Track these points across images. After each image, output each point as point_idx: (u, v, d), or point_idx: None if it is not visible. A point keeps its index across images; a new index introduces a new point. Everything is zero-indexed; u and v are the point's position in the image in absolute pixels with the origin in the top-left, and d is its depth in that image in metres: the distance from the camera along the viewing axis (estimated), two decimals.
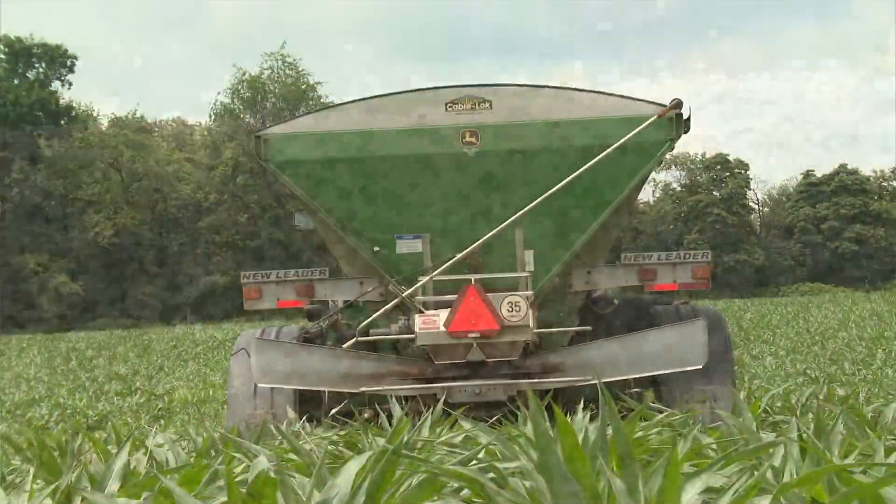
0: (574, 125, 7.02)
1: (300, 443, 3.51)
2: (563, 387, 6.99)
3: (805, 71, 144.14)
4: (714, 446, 3.54)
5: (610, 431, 2.98)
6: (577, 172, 6.85)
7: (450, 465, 3.03)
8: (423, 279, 7.03)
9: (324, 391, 7.14)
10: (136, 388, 22.15)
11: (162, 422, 14.31)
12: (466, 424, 4.15)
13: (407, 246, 7.13)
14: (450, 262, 7.00)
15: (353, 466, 2.81)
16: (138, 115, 74.65)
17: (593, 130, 6.99)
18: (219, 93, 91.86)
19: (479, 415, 6.47)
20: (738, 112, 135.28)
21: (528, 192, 6.97)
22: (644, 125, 6.90)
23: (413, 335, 6.93)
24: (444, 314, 6.82)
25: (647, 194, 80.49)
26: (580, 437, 3.19)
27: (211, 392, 19.40)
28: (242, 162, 68.91)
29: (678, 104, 7.00)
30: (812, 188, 77.09)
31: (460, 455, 3.30)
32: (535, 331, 6.94)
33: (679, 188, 77.87)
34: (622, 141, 6.85)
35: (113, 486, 3.00)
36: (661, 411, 5.07)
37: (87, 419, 15.81)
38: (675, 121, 7.01)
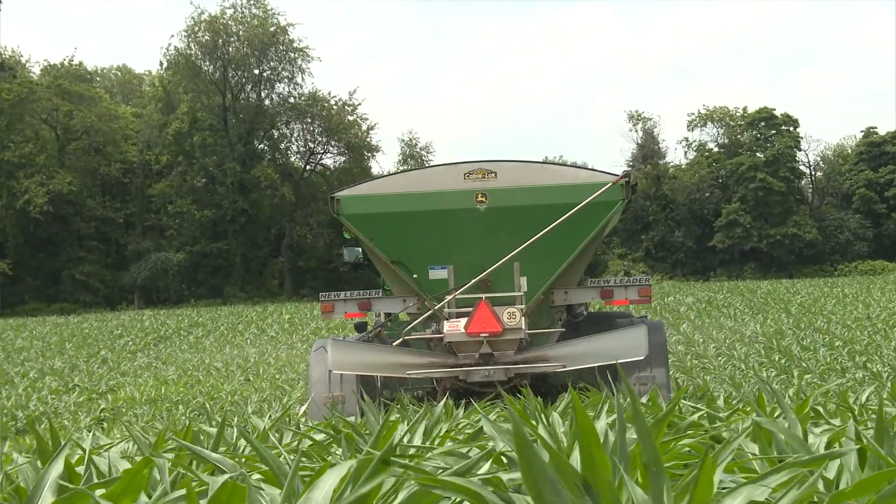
0: (554, 189, 11.50)
1: (271, 448, 3.51)
2: (545, 371, 11.51)
3: (865, 11, 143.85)
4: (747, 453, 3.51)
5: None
6: (556, 223, 11.29)
7: (447, 474, 3.04)
8: (449, 297, 11.57)
9: (378, 377, 12.05)
10: (74, 384, 22.20)
11: (105, 424, 14.30)
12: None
13: (437, 274, 11.63)
14: (467, 285, 11.48)
15: (333, 476, 2.80)
16: (76, 62, 74.57)
17: (567, 193, 11.44)
18: (172, 36, 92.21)
19: (486, 391, 11.24)
20: (786, 59, 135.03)
21: (523, 236, 11.38)
22: (602, 189, 11.34)
23: (442, 335, 11.50)
24: (463, 320, 11.38)
25: (678, 156, 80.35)
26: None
27: (163, 389, 19.54)
28: (201, 117, 69.07)
29: (627, 174, 11.65)
30: (874, 148, 77.05)
31: (460, 462, 3.29)
32: (526, 332, 11.41)
33: (716, 148, 77.76)
34: (587, 201, 11.29)
35: (45, 501, 3.00)
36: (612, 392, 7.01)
37: (17, 422, 15.92)
38: (625, 186, 11.49)
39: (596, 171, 12.04)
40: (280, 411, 11.06)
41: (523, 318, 11.35)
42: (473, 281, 11.44)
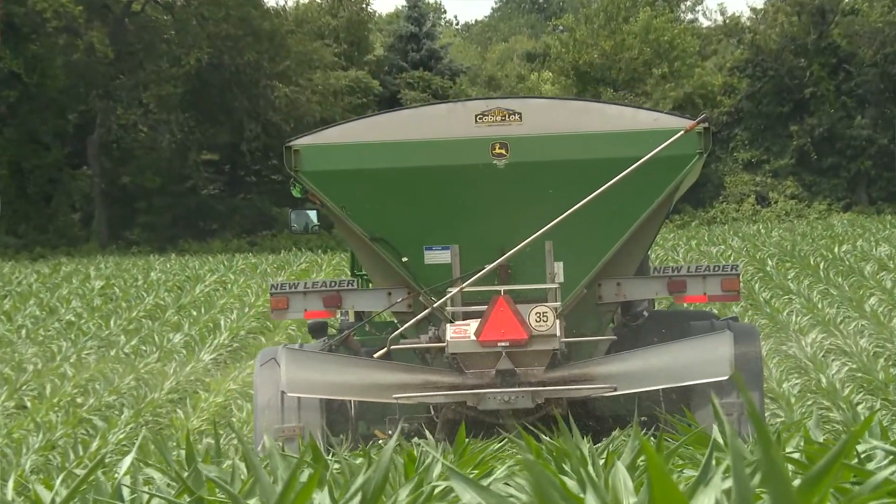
0: (603, 138, 14.47)
1: None
2: (588, 397, 14.61)
3: None
4: None
5: None
6: (607, 185, 13.94)
7: None
8: (453, 290, 14.36)
9: (350, 404, 15.06)
10: None
11: None
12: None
13: (435, 257, 14.41)
14: (480, 273, 14.26)
15: None
16: None
17: (622, 144, 14.38)
18: None
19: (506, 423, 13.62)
20: None
21: (558, 204, 14.12)
22: (672, 139, 14.04)
23: (443, 344, 14.26)
24: (474, 324, 14.06)
25: None
26: None
27: None
28: None
29: (706, 119, 14.59)
30: None
31: None
32: (562, 340, 14.22)
33: None
34: (650, 154, 13.91)
35: None
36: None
37: None
38: (703, 135, 14.33)
39: (660, 112, 15.53)
40: (86, 467, 11.17)
41: (558, 321, 13.50)
42: (488, 268, 13.69)
